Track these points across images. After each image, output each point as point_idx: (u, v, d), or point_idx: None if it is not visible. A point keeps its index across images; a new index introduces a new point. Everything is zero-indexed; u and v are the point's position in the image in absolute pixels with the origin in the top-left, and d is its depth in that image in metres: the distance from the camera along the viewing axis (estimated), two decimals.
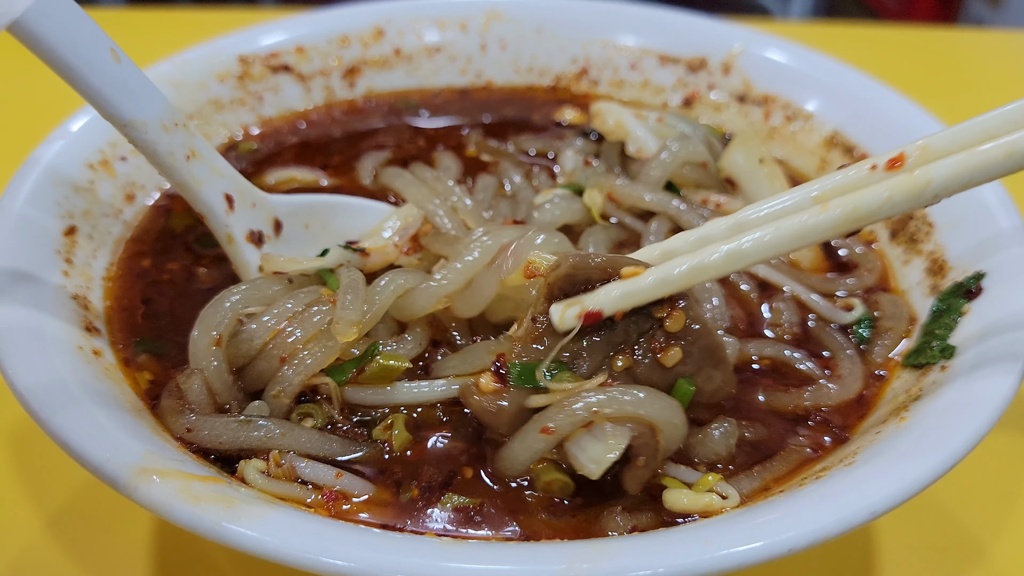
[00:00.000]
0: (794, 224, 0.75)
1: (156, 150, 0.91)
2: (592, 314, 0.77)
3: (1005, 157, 0.71)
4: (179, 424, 0.83)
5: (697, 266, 0.77)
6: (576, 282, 0.79)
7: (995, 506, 1.04)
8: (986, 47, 2.13)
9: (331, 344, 0.85)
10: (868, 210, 0.74)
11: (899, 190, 0.73)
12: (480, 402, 0.79)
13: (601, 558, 0.65)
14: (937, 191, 0.73)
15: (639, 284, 0.77)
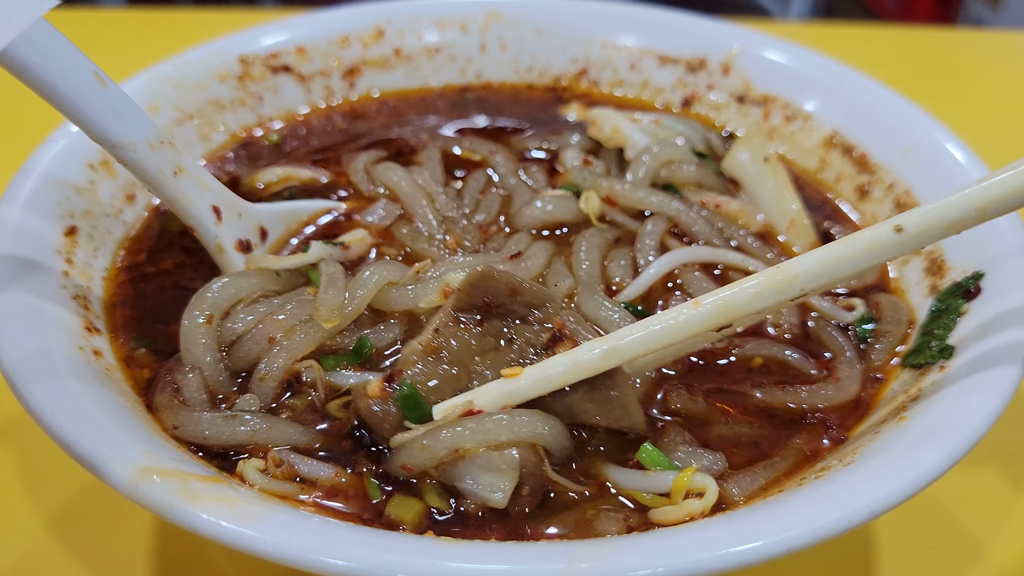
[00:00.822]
0: (668, 319, 0.79)
1: (145, 168, 0.94)
2: (473, 412, 0.79)
3: (867, 249, 0.76)
4: (167, 420, 0.84)
5: (574, 365, 0.79)
6: (481, 292, 0.82)
7: (994, 506, 1.04)
8: (985, 48, 2.13)
9: (315, 328, 0.89)
10: (737, 304, 0.78)
11: (767, 284, 0.78)
12: (367, 404, 0.81)
13: (601, 557, 0.65)
14: (803, 285, 0.77)
15: (517, 384, 0.80)
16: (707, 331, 0.80)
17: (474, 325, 0.83)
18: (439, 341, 0.82)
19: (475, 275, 0.82)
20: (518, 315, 0.84)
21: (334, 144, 1.31)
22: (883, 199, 1.17)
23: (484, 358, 0.83)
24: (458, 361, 0.82)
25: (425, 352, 0.82)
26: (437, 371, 0.82)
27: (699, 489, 0.80)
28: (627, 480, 0.82)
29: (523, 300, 0.84)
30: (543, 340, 0.84)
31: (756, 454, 0.87)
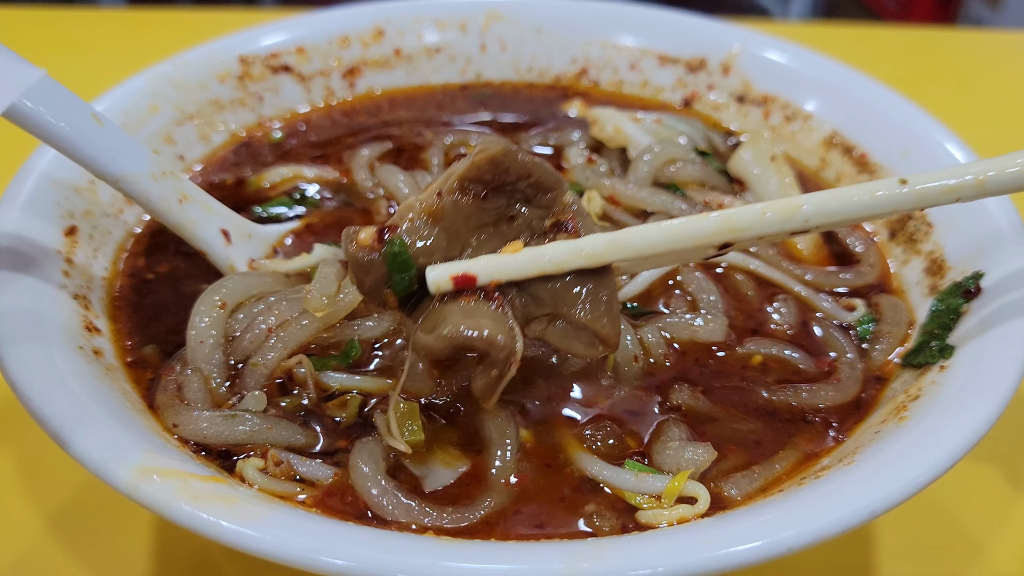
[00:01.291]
0: (674, 224, 0.78)
1: (150, 198, 0.97)
2: (466, 278, 0.76)
3: (872, 196, 0.77)
4: (168, 418, 0.84)
5: (575, 249, 0.78)
6: (497, 170, 0.78)
7: (994, 506, 1.04)
8: (985, 48, 2.13)
9: (310, 320, 0.92)
10: (743, 223, 0.77)
11: (774, 208, 0.78)
12: (355, 251, 0.78)
13: (601, 557, 0.65)
14: (808, 216, 0.77)
15: (514, 259, 0.78)
16: (709, 244, 0.78)
17: (478, 197, 0.79)
18: (439, 204, 0.79)
19: (497, 152, 0.78)
20: (524, 196, 0.80)
21: (337, 141, 1.31)
22: None
23: (480, 232, 0.80)
24: (453, 230, 0.79)
25: (423, 212, 0.79)
26: (431, 235, 0.78)
27: (692, 495, 0.80)
28: (618, 479, 0.82)
29: (533, 181, 0.80)
30: (545, 226, 0.81)
31: (756, 453, 0.87)
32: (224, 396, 0.89)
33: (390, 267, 0.77)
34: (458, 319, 0.75)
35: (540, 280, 0.78)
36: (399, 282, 0.78)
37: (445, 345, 0.74)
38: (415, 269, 0.78)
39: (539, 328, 0.80)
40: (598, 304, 0.79)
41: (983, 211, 1.02)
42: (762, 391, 0.93)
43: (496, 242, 0.80)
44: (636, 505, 0.80)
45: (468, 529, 0.78)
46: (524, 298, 0.79)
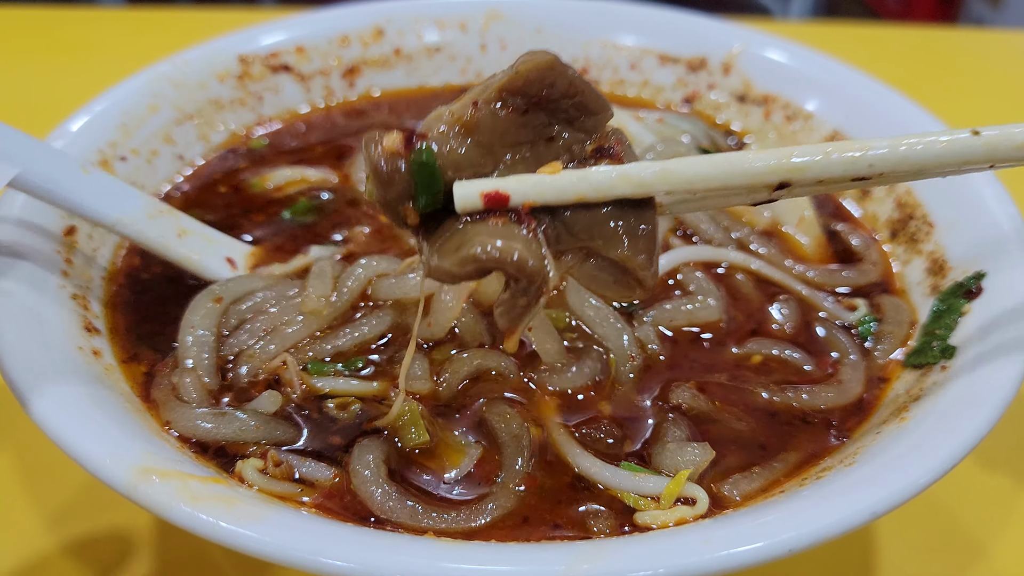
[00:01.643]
0: (729, 157, 0.72)
1: (148, 237, 0.99)
2: (498, 196, 0.70)
3: (943, 147, 0.72)
4: (162, 415, 0.85)
5: (622, 174, 0.71)
6: (542, 84, 0.72)
7: (996, 506, 1.04)
8: (986, 47, 2.13)
9: (307, 318, 0.93)
10: (804, 161, 0.71)
11: (837, 149, 0.71)
12: (377, 157, 0.70)
13: (601, 558, 0.65)
14: (872, 162, 0.71)
15: (554, 180, 0.71)
16: (764, 183, 0.72)
17: (518, 111, 0.72)
18: (474, 116, 0.71)
19: (545, 62, 0.71)
20: (567, 116, 0.74)
21: (334, 144, 1.31)
22: (884, 198, 1.17)
23: (516, 151, 0.73)
24: (487, 144, 0.72)
25: (455, 122, 0.72)
26: (462, 147, 0.71)
27: (690, 496, 0.80)
28: (616, 480, 0.82)
29: (578, 102, 0.73)
30: (587, 150, 0.74)
31: (757, 454, 0.87)
32: (218, 394, 0.90)
33: (416, 178, 0.70)
34: (485, 238, 0.68)
35: (577, 208, 0.71)
36: (424, 196, 0.71)
37: (470, 267, 0.68)
38: (443, 183, 0.71)
39: (570, 263, 0.74)
40: (637, 240, 0.72)
41: (984, 211, 1.01)
42: (763, 392, 0.93)
43: (532, 163, 0.73)
44: (634, 506, 0.80)
45: (468, 530, 0.78)
46: (557, 227, 0.72)
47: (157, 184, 1.17)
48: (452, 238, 0.71)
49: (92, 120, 1.12)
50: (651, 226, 0.73)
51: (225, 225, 1.13)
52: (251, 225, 1.14)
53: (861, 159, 0.71)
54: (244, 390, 0.91)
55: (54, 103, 1.11)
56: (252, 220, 1.15)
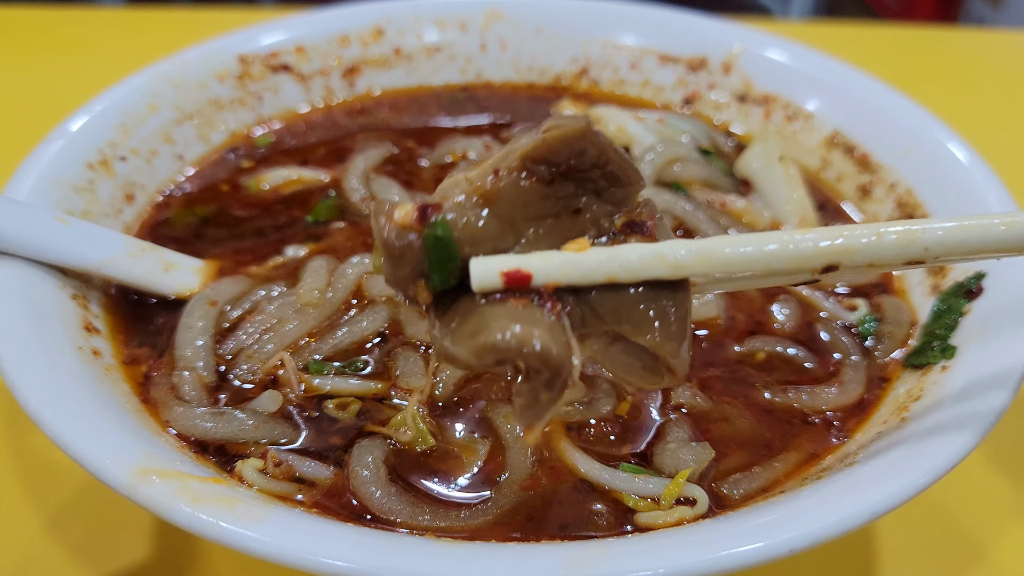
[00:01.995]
0: (774, 237, 0.67)
1: (135, 275, 0.98)
2: (519, 276, 0.64)
3: (1006, 227, 0.66)
4: (161, 415, 0.85)
5: (656, 255, 0.66)
6: (571, 153, 0.66)
7: (996, 507, 1.04)
8: (987, 47, 2.13)
9: (299, 316, 0.94)
10: (856, 242, 0.66)
11: (890, 231, 0.66)
12: (388, 233, 0.65)
13: (601, 559, 0.65)
14: (929, 244, 0.66)
15: (580, 259, 0.65)
16: (810, 266, 0.67)
17: (543, 182, 0.67)
18: (495, 185, 0.66)
19: (574, 130, 0.66)
20: (595, 186, 0.68)
21: (334, 144, 1.30)
22: (885, 199, 1.16)
23: (539, 224, 0.67)
24: (508, 218, 0.66)
25: (474, 191, 0.66)
26: (480, 219, 0.65)
27: (691, 496, 0.80)
28: (616, 481, 0.82)
29: (608, 171, 0.68)
30: (616, 224, 0.68)
31: (758, 453, 0.87)
32: (217, 393, 0.90)
33: (430, 254, 0.64)
34: (505, 323, 0.62)
35: (604, 289, 0.66)
36: (438, 274, 0.65)
37: (487, 358, 0.62)
38: (459, 260, 0.65)
39: (595, 347, 0.68)
40: (669, 325, 0.66)
41: (985, 211, 1.01)
42: (764, 392, 0.93)
43: (556, 237, 0.67)
44: (634, 507, 0.80)
45: (468, 531, 0.78)
46: (583, 309, 0.66)
47: (156, 184, 1.17)
48: (468, 320, 0.64)
49: (92, 120, 1.11)
50: (684, 310, 0.67)
51: (223, 225, 1.13)
52: (244, 225, 1.14)
53: (916, 243, 0.66)
54: (243, 390, 0.91)
55: (54, 103, 1.11)
56: (247, 219, 1.15)
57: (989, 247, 0.66)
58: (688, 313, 0.68)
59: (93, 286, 0.99)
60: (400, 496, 0.79)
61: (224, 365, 0.93)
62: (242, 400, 0.90)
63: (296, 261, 1.06)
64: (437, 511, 0.79)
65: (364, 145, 1.28)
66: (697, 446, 0.84)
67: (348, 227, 1.13)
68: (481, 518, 0.79)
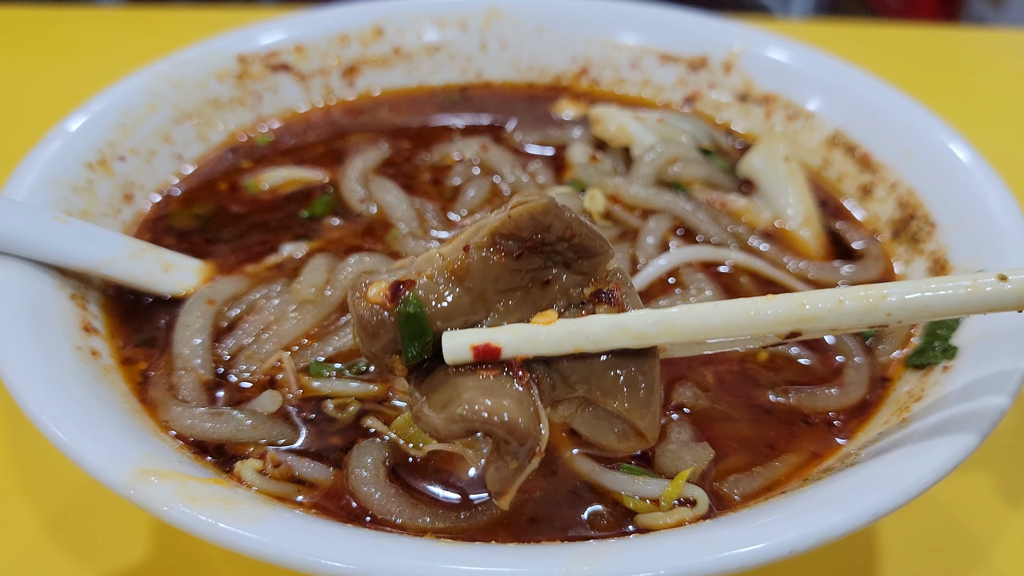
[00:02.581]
0: (737, 307, 0.69)
1: (135, 275, 0.98)
2: (489, 349, 0.67)
3: (967, 292, 0.68)
4: (160, 415, 0.85)
5: (619, 326, 0.68)
6: (537, 227, 0.69)
7: (998, 507, 1.04)
8: (988, 46, 2.13)
9: (298, 315, 0.95)
10: (817, 311, 0.68)
11: (852, 296, 0.68)
12: (362, 309, 0.68)
13: (601, 560, 0.65)
14: (891, 309, 0.68)
15: (547, 332, 0.68)
16: (773, 332, 0.70)
17: (511, 256, 0.69)
18: (464, 261, 0.69)
19: (539, 206, 0.68)
20: (563, 259, 0.71)
21: (333, 144, 1.30)
22: (886, 198, 1.16)
23: (509, 297, 0.70)
24: (479, 292, 0.69)
25: (445, 268, 0.69)
26: (452, 294, 0.69)
27: (691, 497, 0.79)
28: (615, 483, 0.82)
29: (576, 243, 0.70)
30: (584, 295, 0.71)
31: (759, 454, 0.87)
32: (215, 392, 0.90)
33: (402, 330, 0.68)
34: (474, 395, 0.65)
35: (573, 358, 0.69)
36: (411, 349, 0.69)
37: (456, 427, 0.66)
38: (431, 335, 0.69)
39: (566, 412, 0.71)
40: (637, 392, 0.69)
41: (986, 211, 1.01)
42: (766, 392, 0.93)
43: (526, 309, 0.71)
44: (635, 508, 0.80)
45: (468, 532, 0.78)
46: (553, 378, 0.69)
47: (155, 184, 1.17)
48: (442, 390, 0.68)
49: (91, 120, 1.11)
50: (652, 377, 0.70)
51: (222, 225, 1.13)
52: (243, 225, 1.14)
53: (878, 308, 0.68)
54: (242, 390, 0.91)
55: (53, 103, 1.10)
56: (246, 219, 1.15)
57: (954, 310, 0.68)
58: (656, 379, 0.71)
59: (92, 286, 0.98)
60: (400, 497, 0.79)
61: (223, 365, 0.93)
62: (241, 400, 0.89)
63: (296, 261, 1.06)
64: (437, 512, 0.78)
65: (363, 146, 1.27)
66: (697, 446, 0.84)
67: (345, 224, 1.13)
68: (482, 519, 0.78)
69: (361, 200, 1.16)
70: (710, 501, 0.80)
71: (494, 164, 1.23)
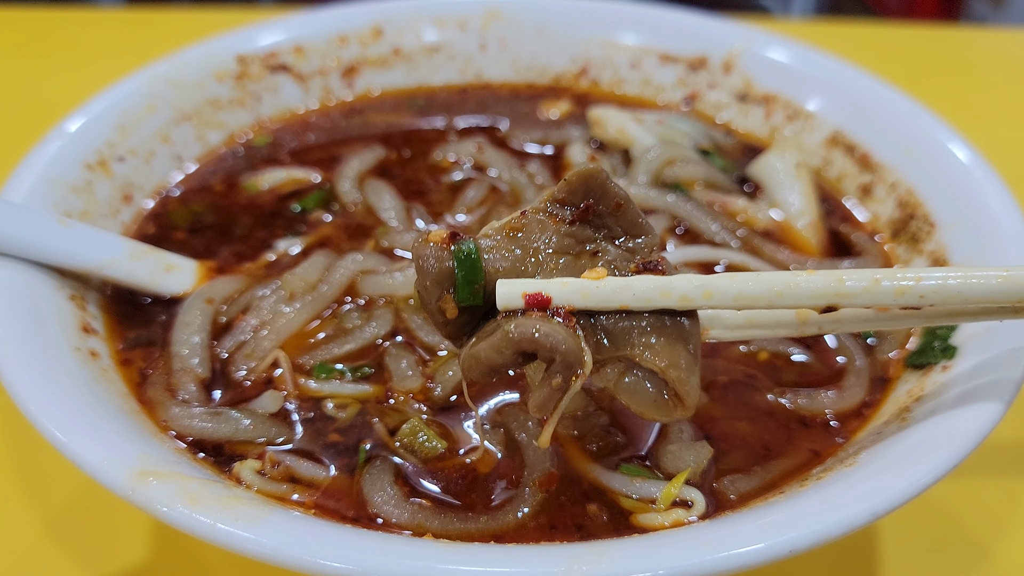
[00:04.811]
0: (778, 277, 0.72)
1: (137, 276, 0.98)
2: (539, 298, 0.70)
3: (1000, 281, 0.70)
4: (158, 415, 0.85)
5: (665, 287, 0.71)
6: (588, 191, 0.74)
7: (998, 507, 1.04)
8: (988, 46, 2.13)
9: (293, 311, 0.96)
10: (855, 287, 0.70)
11: (889, 277, 0.70)
12: (422, 248, 0.72)
13: (601, 560, 0.65)
14: (924, 292, 0.70)
15: (597, 286, 0.71)
16: (811, 305, 0.71)
17: (565, 222, 0.75)
18: (521, 221, 0.75)
19: (587, 171, 0.74)
20: (612, 234, 0.76)
21: (332, 144, 1.30)
22: (886, 198, 1.16)
23: (559, 258, 0.74)
24: (532, 250, 0.74)
25: (503, 227, 0.75)
26: (507, 248, 0.74)
27: (687, 499, 0.79)
28: (614, 482, 0.82)
29: (624, 220, 0.75)
30: (631, 268, 0.74)
31: (759, 453, 0.87)
32: (213, 390, 0.90)
33: (458, 268, 0.71)
34: (523, 320, 0.69)
35: (618, 317, 0.71)
36: (464, 288, 0.71)
37: (506, 350, 0.68)
38: (483, 277, 0.72)
39: (610, 376, 0.73)
40: (680, 353, 0.71)
41: (986, 210, 1.01)
42: (766, 392, 0.93)
43: (574, 273, 0.74)
44: (631, 509, 0.80)
45: (468, 533, 0.78)
46: (597, 335, 0.72)
47: (154, 185, 1.17)
48: (490, 331, 0.71)
49: (90, 121, 1.11)
50: (695, 341, 0.72)
51: (221, 225, 1.13)
52: (241, 225, 1.14)
53: (911, 291, 0.70)
54: (242, 389, 0.90)
55: (52, 104, 1.10)
56: (245, 219, 1.15)
57: (987, 298, 0.70)
58: (698, 347, 0.72)
59: (91, 287, 0.98)
60: (403, 498, 0.79)
61: (221, 364, 0.93)
62: (241, 399, 0.89)
63: (292, 258, 1.06)
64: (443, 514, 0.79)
65: (359, 147, 1.27)
66: (697, 445, 0.84)
67: (341, 223, 1.13)
68: (503, 520, 0.79)
69: (356, 202, 1.16)
70: (707, 502, 0.80)
71: (491, 164, 1.23)
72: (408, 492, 0.81)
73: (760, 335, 0.84)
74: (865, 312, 0.78)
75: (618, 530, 0.79)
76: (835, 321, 0.79)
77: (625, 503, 0.81)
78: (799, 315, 0.80)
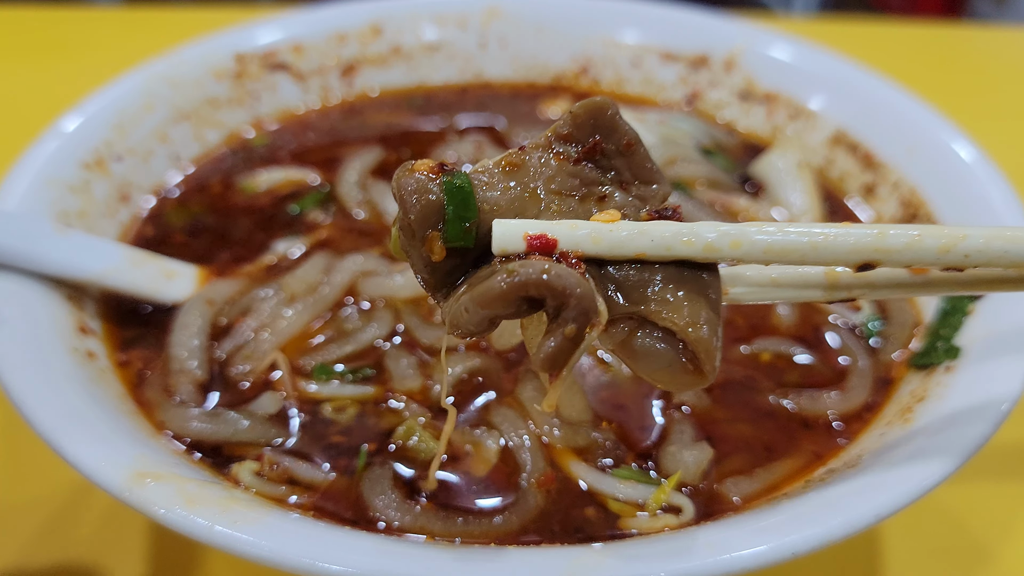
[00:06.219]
0: (815, 228, 0.64)
1: (138, 284, 0.97)
2: (544, 241, 0.60)
3: None
4: (156, 416, 0.85)
5: (683, 233, 0.62)
6: (595, 127, 0.65)
7: (1001, 509, 1.03)
8: (991, 44, 2.12)
9: (293, 313, 0.95)
10: (896, 242, 0.63)
11: (929, 234, 0.63)
12: (405, 176, 0.62)
13: (602, 563, 0.64)
14: (969, 251, 0.63)
15: (610, 230, 0.62)
16: (848, 261, 0.63)
17: (568, 161, 0.65)
18: (519, 156, 0.65)
19: (595, 104, 0.65)
20: (621, 178, 0.66)
21: (331, 144, 1.30)
22: (888, 197, 1.16)
23: (561, 199, 0.65)
24: (531, 187, 0.64)
25: (499, 162, 0.65)
26: (503, 184, 0.64)
27: (676, 506, 0.79)
28: (603, 485, 0.81)
29: (634, 164, 0.66)
30: (641, 217, 0.65)
31: (761, 455, 0.86)
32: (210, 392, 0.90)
33: (448, 201, 0.61)
34: (528, 261, 0.59)
35: (632, 267, 0.62)
36: (454, 224, 0.61)
37: (511, 289, 0.58)
38: (476, 214, 0.62)
39: (620, 335, 0.63)
40: (701, 308, 0.61)
41: (989, 210, 1.01)
42: (768, 393, 0.92)
43: (580, 217, 0.65)
44: (618, 512, 0.80)
45: (469, 535, 0.77)
46: (607, 287, 0.62)
47: (152, 185, 1.16)
48: (483, 278, 0.61)
49: (87, 120, 1.11)
50: (717, 296, 0.63)
51: (219, 226, 1.12)
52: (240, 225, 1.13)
53: (955, 249, 0.63)
54: (241, 391, 0.90)
55: (50, 103, 1.10)
56: (244, 220, 1.14)
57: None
58: (720, 301, 0.63)
59: (88, 288, 0.98)
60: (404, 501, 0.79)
61: (220, 366, 0.92)
62: (240, 401, 0.89)
63: (291, 260, 1.06)
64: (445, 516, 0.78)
65: (360, 147, 1.27)
66: (697, 446, 0.83)
67: (342, 225, 1.13)
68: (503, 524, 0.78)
69: (358, 203, 1.16)
70: (695, 509, 0.79)
71: None
72: (408, 495, 0.80)
73: (785, 297, 0.72)
74: (900, 274, 0.70)
75: (612, 535, 0.78)
76: (867, 284, 0.71)
77: (613, 506, 0.80)
78: (828, 276, 0.71)
